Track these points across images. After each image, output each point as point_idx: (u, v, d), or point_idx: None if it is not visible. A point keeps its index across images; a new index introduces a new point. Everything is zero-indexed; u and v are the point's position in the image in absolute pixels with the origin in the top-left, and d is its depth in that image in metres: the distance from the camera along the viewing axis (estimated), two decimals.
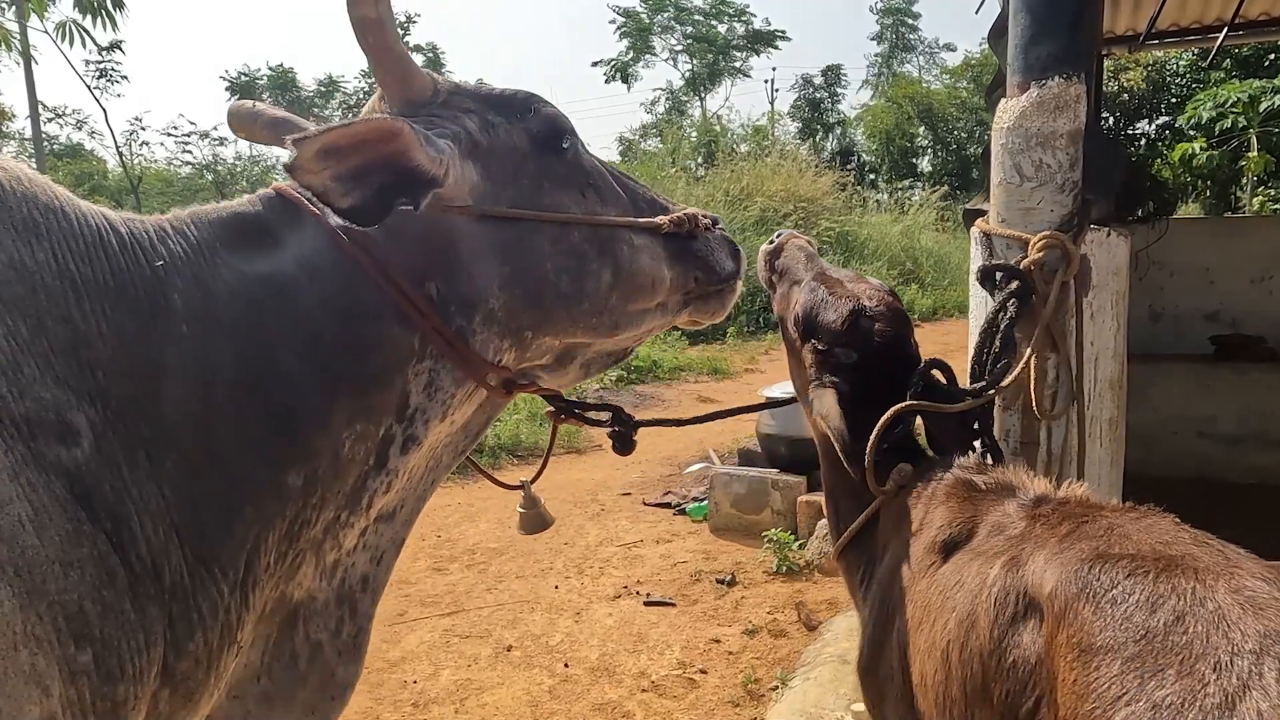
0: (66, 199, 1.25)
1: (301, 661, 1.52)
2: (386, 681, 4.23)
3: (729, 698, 3.98)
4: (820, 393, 1.71)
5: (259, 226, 1.43)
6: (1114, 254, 2.11)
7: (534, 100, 1.64)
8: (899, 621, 1.50)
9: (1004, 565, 1.30)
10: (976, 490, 1.53)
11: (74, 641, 1.07)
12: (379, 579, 1.63)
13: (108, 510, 1.13)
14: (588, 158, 1.71)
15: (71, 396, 1.13)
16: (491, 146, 1.55)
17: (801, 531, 5.74)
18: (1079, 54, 1.99)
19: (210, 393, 1.27)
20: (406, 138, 1.33)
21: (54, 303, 1.15)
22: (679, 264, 1.77)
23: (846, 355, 1.74)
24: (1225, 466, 6.47)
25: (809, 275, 1.92)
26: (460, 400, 1.58)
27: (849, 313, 1.75)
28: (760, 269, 2.12)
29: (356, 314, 1.41)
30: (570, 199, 1.62)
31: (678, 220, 1.75)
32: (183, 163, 27.13)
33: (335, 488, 1.42)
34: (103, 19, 7.47)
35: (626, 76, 43.45)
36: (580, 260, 1.60)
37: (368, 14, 1.39)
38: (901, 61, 46.01)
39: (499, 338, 1.55)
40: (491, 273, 1.51)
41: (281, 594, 1.46)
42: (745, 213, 16.62)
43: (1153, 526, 1.25)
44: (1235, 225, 8.76)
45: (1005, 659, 1.22)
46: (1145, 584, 1.10)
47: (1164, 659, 1.00)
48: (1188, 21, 5.73)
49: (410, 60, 1.51)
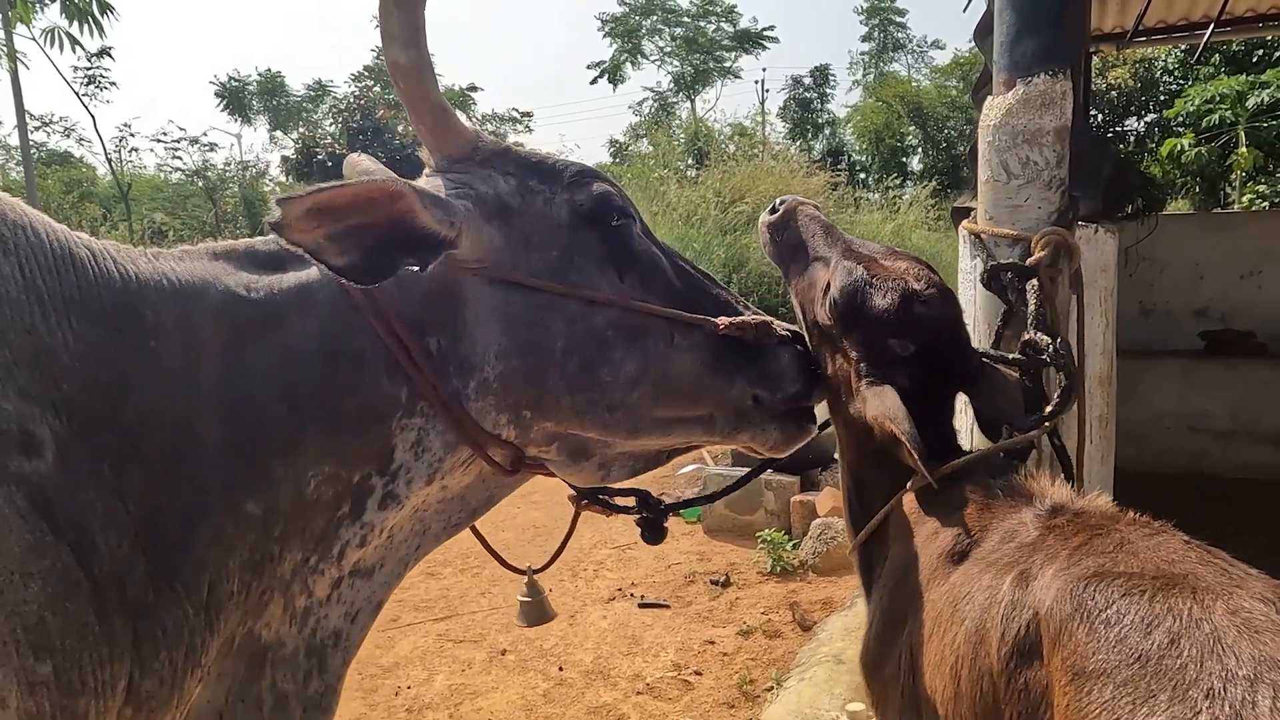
0: (36, 217, 1.24)
1: (266, 708, 1.47)
2: (380, 687, 4.22)
3: (724, 699, 3.97)
4: (877, 391, 1.53)
5: (265, 256, 1.42)
6: (1102, 251, 2.11)
7: (587, 174, 1.56)
8: (911, 625, 1.45)
9: (1014, 580, 1.25)
10: (994, 494, 1.46)
11: (33, 653, 1.05)
12: (352, 637, 1.57)
13: (71, 522, 1.12)
14: (642, 242, 1.59)
15: (35, 408, 1.12)
16: (524, 211, 1.49)
17: (795, 532, 5.74)
18: (1064, 50, 1.99)
19: (176, 406, 1.26)
20: (408, 200, 1.29)
21: (18, 315, 1.14)
22: (735, 376, 1.58)
23: (903, 347, 1.55)
24: (1217, 461, 6.50)
25: (837, 253, 1.68)
26: (451, 467, 1.50)
27: (901, 299, 1.55)
28: (764, 243, 1.88)
29: (341, 355, 1.38)
30: (605, 280, 1.51)
31: (741, 324, 1.56)
32: (172, 169, 27.12)
33: (300, 525, 1.39)
34: (89, 25, 7.42)
35: (616, 79, 43.48)
36: (599, 346, 1.48)
37: (400, 59, 1.34)
38: (890, 61, 46.13)
39: (495, 410, 1.46)
40: (490, 339, 1.44)
41: (249, 630, 1.43)
42: (736, 214, 16.69)
43: (1162, 544, 1.21)
44: (1224, 221, 8.80)
45: (1016, 681, 1.18)
46: (1141, 604, 1.06)
47: (1156, 684, 0.98)
48: (1175, 18, 5.75)
49: (448, 111, 1.46)
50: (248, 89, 37.44)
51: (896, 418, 1.47)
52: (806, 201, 1.85)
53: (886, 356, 1.56)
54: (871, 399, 1.53)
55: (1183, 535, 1.25)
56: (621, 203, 1.56)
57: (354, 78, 31.45)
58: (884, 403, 1.50)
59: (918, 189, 26.26)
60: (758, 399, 1.62)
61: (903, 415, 1.47)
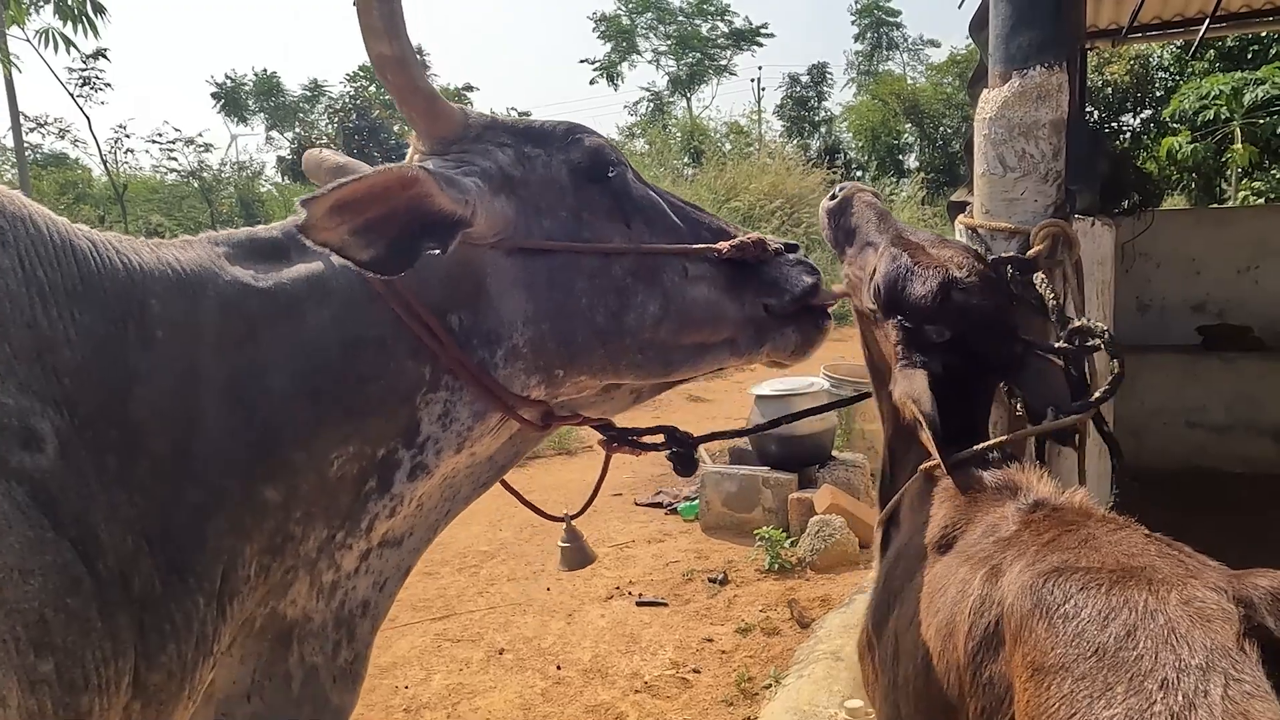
0: (36, 209, 1.23)
1: (295, 684, 1.48)
2: (378, 687, 4.20)
3: (722, 697, 3.96)
4: (910, 374, 1.57)
5: (267, 245, 1.42)
6: (1099, 244, 2.11)
7: (576, 131, 1.59)
8: (897, 612, 1.49)
9: (985, 575, 1.26)
10: (986, 486, 1.48)
11: (34, 650, 1.04)
12: (381, 605, 1.59)
13: (73, 517, 1.11)
14: (638, 188, 1.64)
15: (36, 402, 1.11)
16: (526, 179, 1.51)
17: (793, 529, 5.73)
18: (1060, 42, 1.98)
19: (185, 398, 1.25)
20: (425, 184, 1.30)
21: (18, 309, 1.13)
22: (744, 292, 1.65)
23: (938, 333, 1.58)
24: (1214, 456, 6.51)
25: (886, 239, 1.72)
26: (481, 433, 1.52)
27: (939, 286, 1.58)
28: (824, 228, 1.93)
29: (362, 342, 1.39)
30: (614, 230, 1.56)
31: (740, 245, 1.63)
32: (168, 170, 27.04)
33: (323, 504, 1.39)
34: (83, 26, 7.39)
35: (612, 78, 43.46)
36: (621, 293, 1.52)
37: (384, 51, 1.34)
38: (885, 59, 46.09)
39: (525, 374, 1.50)
40: (516, 308, 1.47)
41: (273, 610, 1.43)
42: (731, 211, 16.74)
43: (1124, 538, 1.22)
44: (1220, 216, 8.82)
45: (981, 675, 1.20)
46: (1098, 598, 1.07)
47: (1114, 676, 0.99)
48: (1170, 14, 5.75)
49: (436, 96, 1.47)
50: (244, 89, 37.42)
51: (920, 400, 1.51)
52: (865, 188, 1.90)
53: (923, 341, 1.60)
54: (902, 380, 1.58)
55: (1144, 529, 1.26)
56: (614, 153, 1.61)
57: (349, 77, 31.48)
58: (912, 385, 1.54)
59: (913, 185, 26.27)
60: (768, 307, 1.68)
61: (926, 398, 1.50)
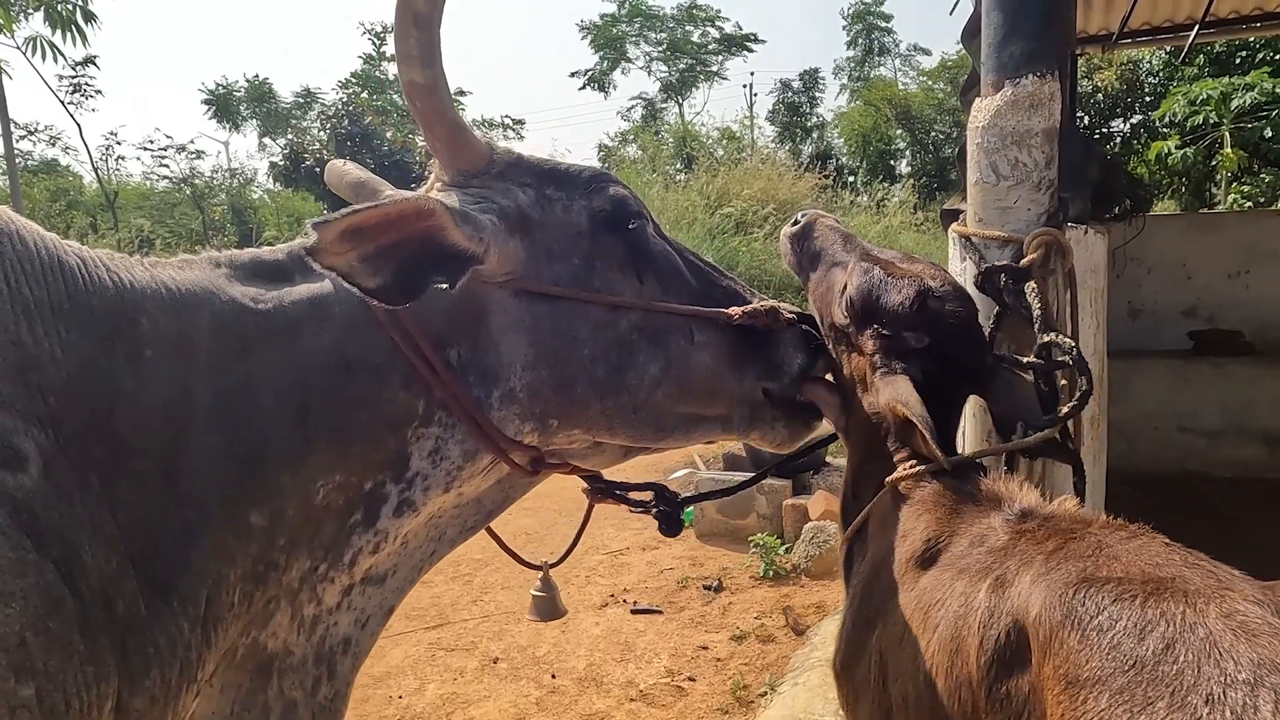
0: (24, 224, 1.21)
1: (273, 717, 1.46)
2: (372, 697, 4.18)
3: (718, 705, 3.95)
4: (891, 380, 1.56)
5: (271, 267, 1.41)
6: (1091, 252, 2.11)
7: (601, 178, 1.57)
8: (881, 629, 1.45)
9: (989, 586, 1.23)
10: (963, 497, 1.46)
11: (14, 675, 1.02)
12: (363, 644, 1.56)
13: (56, 536, 1.09)
14: (657, 243, 1.62)
15: (19, 421, 1.09)
16: (543, 221, 1.49)
17: (787, 536, 5.73)
18: (1052, 51, 1.99)
19: (173, 418, 1.23)
20: (440, 216, 1.28)
21: (2, 326, 1.12)
22: (746, 368, 1.63)
23: (917, 340, 1.58)
24: (1206, 460, 6.53)
25: (854, 256, 1.74)
26: (471, 474, 1.50)
27: (916, 294, 1.59)
28: (785, 254, 1.94)
29: (357, 368, 1.37)
30: (626, 283, 1.53)
31: (752, 313, 1.59)
32: (159, 177, 27.01)
33: (308, 533, 1.37)
34: (73, 34, 7.37)
35: (603, 85, 43.50)
36: (624, 348, 1.50)
37: (416, 79, 1.33)
38: (876, 65, 46.20)
39: (519, 419, 1.47)
40: (517, 350, 1.44)
41: (254, 641, 1.41)
42: (724, 217, 16.77)
43: (1143, 547, 1.19)
44: (1211, 221, 8.85)
45: (997, 689, 1.16)
46: (1133, 609, 1.04)
47: (1153, 691, 0.95)
48: (1159, 20, 5.79)
49: (463, 127, 1.45)
50: (235, 96, 37.36)
51: (909, 402, 1.49)
52: (826, 214, 1.90)
53: (901, 349, 1.59)
54: (884, 387, 1.56)
55: (1162, 537, 1.23)
56: (637, 205, 1.58)
57: (341, 84, 31.47)
58: (897, 389, 1.53)
59: (904, 190, 26.36)
60: (767, 391, 1.66)
61: (915, 400, 1.49)
